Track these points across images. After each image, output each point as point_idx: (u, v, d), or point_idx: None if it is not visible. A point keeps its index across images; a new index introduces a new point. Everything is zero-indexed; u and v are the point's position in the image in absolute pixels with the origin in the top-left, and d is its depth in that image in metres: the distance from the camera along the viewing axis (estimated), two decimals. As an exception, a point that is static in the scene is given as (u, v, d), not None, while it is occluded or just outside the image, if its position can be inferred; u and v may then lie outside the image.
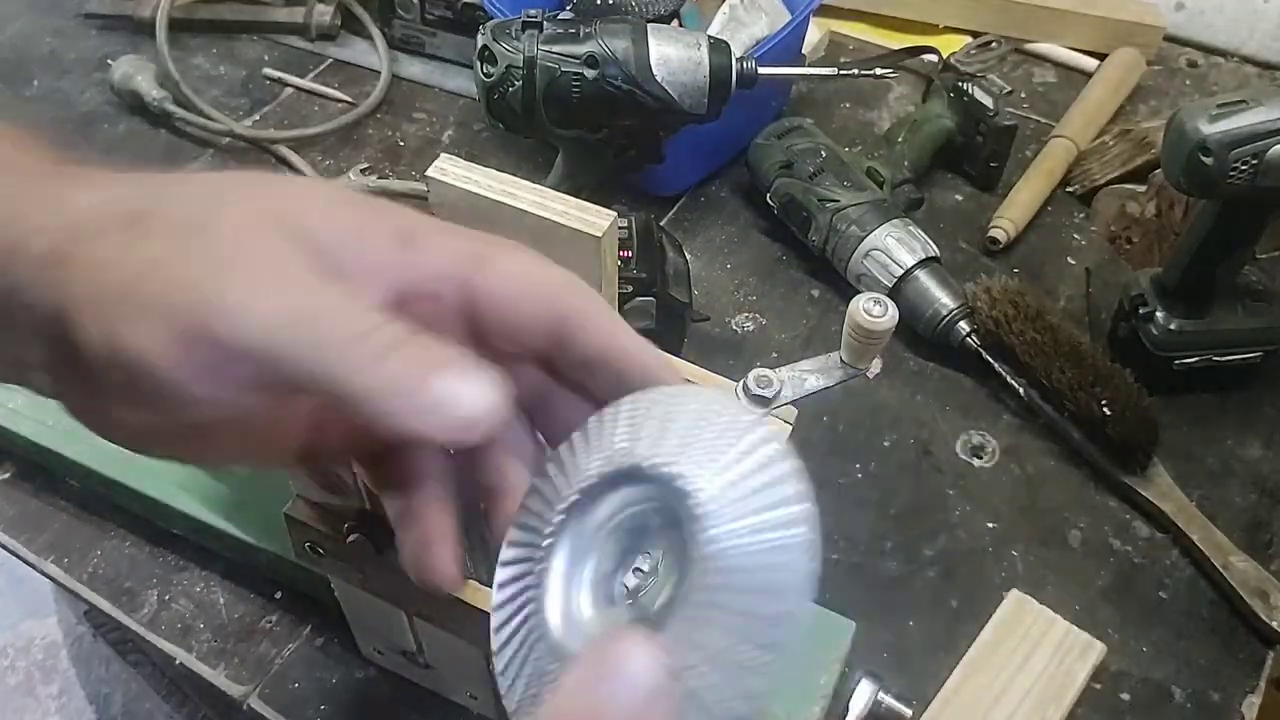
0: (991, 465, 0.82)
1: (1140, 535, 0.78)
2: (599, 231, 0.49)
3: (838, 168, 0.93)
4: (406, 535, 0.38)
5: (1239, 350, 0.83)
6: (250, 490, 0.71)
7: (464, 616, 0.53)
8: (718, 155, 1.03)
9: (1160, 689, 0.70)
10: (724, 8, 1.00)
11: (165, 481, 0.72)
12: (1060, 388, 0.81)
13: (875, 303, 0.44)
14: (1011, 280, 0.88)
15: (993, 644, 0.70)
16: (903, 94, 1.13)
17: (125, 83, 1.05)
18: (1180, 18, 1.21)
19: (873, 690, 0.65)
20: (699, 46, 0.75)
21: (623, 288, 0.78)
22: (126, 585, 0.73)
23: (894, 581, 0.75)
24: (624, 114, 0.76)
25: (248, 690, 0.68)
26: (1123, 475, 0.79)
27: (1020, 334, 0.83)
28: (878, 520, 0.78)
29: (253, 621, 0.71)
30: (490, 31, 0.75)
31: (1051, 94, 1.14)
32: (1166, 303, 0.82)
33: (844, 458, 0.82)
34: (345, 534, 0.52)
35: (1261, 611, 0.72)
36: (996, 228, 0.96)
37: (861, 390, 0.86)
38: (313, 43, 1.16)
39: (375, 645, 0.67)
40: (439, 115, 1.09)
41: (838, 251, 0.90)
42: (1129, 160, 1.00)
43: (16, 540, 0.75)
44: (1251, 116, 0.71)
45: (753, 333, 0.90)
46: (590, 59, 0.74)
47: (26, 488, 0.77)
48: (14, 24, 1.18)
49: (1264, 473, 0.82)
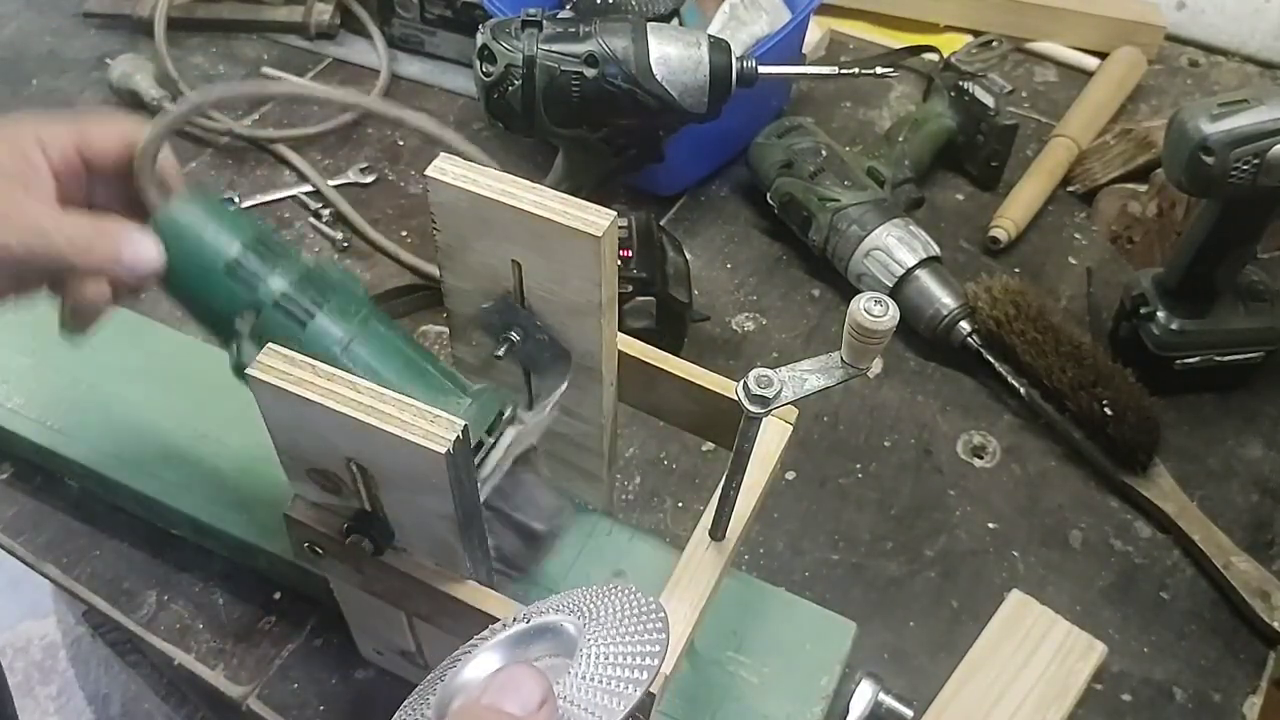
0: (992, 465, 0.82)
1: (1141, 535, 0.78)
2: (599, 231, 0.49)
3: (838, 167, 0.92)
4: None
5: (1240, 350, 0.83)
6: (250, 490, 0.71)
7: (464, 616, 0.53)
8: (718, 155, 1.03)
9: (1161, 689, 0.70)
10: (724, 7, 1.00)
11: (165, 481, 0.72)
12: (1061, 388, 0.81)
13: (876, 302, 0.43)
14: (1012, 280, 0.88)
15: (994, 644, 0.70)
16: (903, 93, 1.13)
17: (124, 82, 1.05)
18: (1181, 17, 1.21)
19: (873, 691, 0.65)
20: (699, 45, 0.75)
21: (623, 288, 0.78)
22: (125, 585, 0.72)
23: (894, 582, 0.75)
24: (624, 113, 0.75)
25: (247, 691, 0.68)
26: (1124, 475, 0.79)
27: (1021, 334, 0.83)
28: (878, 520, 0.78)
29: (252, 622, 0.71)
30: (490, 30, 0.75)
31: (1052, 93, 1.14)
32: (1168, 302, 0.82)
33: (844, 458, 0.82)
34: (345, 534, 0.52)
35: (1263, 612, 0.72)
36: (997, 227, 0.96)
37: (862, 390, 0.86)
38: (312, 42, 1.16)
39: (375, 645, 0.67)
40: (439, 114, 1.09)
41: (838, 251, 0.90)
42: (1130, 160, 0.99)
43: (15, 540, 0.74)
44: (1253, 116, 0.70)
45: (753, 333, 0.90)
46: (590, 58, 0.73)
47: (25, 488, 0.77)
48: (13, 23, 1.17)
49: (1265, 473, 0.82)
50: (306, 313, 0.53)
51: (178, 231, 0.54)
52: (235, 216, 0.56)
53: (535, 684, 0.36)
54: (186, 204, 0.55)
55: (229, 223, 0.55)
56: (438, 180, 0.51)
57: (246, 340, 0.53)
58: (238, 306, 0.53)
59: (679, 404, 0.60)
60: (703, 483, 0.79)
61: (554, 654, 0.42)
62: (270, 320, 0.53)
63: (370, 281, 0.91)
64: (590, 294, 0.52)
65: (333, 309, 0.54)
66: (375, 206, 0.99)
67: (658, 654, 0.38)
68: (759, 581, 0.69)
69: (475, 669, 0.42)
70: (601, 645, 0.38)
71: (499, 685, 0.37)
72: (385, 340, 0.55)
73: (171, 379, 0.77)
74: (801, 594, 0.69)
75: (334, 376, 0.45)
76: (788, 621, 0.66)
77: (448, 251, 0.55)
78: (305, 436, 0.48)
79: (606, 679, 0.37)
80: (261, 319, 0.53)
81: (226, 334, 0.54)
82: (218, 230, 0.54)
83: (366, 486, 0.50)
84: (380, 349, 0.54)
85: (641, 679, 0.37)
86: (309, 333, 0.53)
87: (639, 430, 0.82)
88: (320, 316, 0.53)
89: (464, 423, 0.44)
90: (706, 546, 0.55)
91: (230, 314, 0.53)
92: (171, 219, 0.54)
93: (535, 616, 0.43)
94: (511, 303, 0.55)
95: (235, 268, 0.53)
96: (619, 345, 0.58)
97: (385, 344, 0.55)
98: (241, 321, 0.53)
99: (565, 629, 0.41)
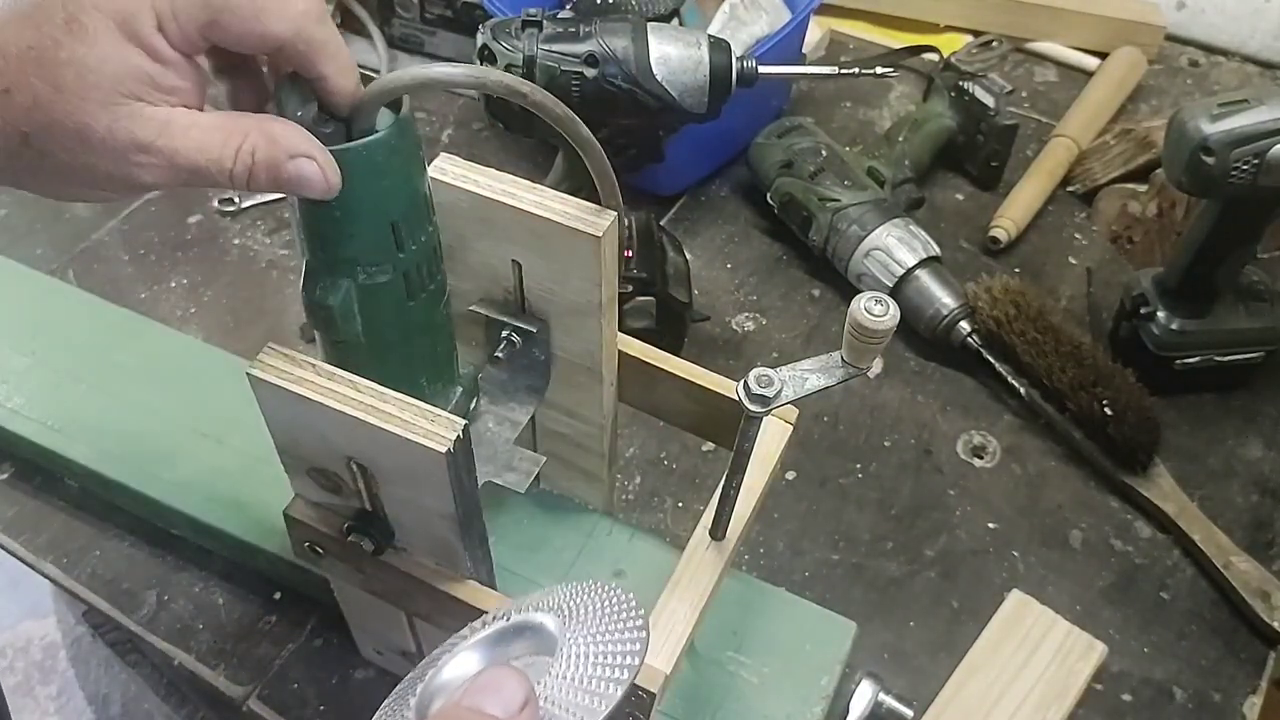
0: (992, 465, 0.82)
1: (1141, 535, 0.78)
2: (599, 231, 0.49)
3: (838, 167, 0.92)
4: None
5: (1240, 350, 0.83)
6: (250, 490, 0.71)
7: (464, 616, 0.53)
8: (718, 155, 1.03)
9: (1161, 689, 0.70)
10: (724, 6, 1.00)
11: (165, 481, 0.72)
12: (1061, 388, 0.81)
13: (876, 302, 0.43)
14: (1012, 280, 0.88)
15: (994, 645, 0.70)
16: (903, 93, 1.13)
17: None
18: (1182, 17, 1.21)
19: (874, 691, 0.65)
20: (699, 45, 0.74)
21: (623, 288, 0.78)
22: (125, 586, 0.72)
23: (894, 582, 0.75)
24: (624, 113, 0.75)
25: (247, 691, 0.68)
26: (1124, 475, 0.79)
27: (1021, 334, 0.83)
28: (878, 520, 0.78)
29: (252, 622, 0.71)
30: (490, 30, 0.75)
31: (1052, 93, 1.14)
32: (1168, 302, 0.82)
33: (844, 458, 0.82)
34: (345, 534, 0.52)
35: (1263, 612, 0.72)
36: (997, 227, 0.96)
37: (862, 390, 0.86)
38: (312, 42, 1.16)
39: (375, 645, 0.67)
40: (439, 115, 1.09)
41: (838, 251, 0.90)
42: (1130, 160, 0.99)
43: (15, 540, 0.74)
44: (1253, 116, 0.70)
45: (753, 333, 0.90)
46: (590, 58, 0.73)
47: (25, 488, 0.77)
48: (13, 23, 1.17)
49: (1265, 473, 0.82)
50: (421, 289, 0.50)
51: (373, 165, 0.45)
52: (423, 168, 0.49)
53: (517, 685, 0.36)
54: (398, 140, 0.46)
55: (419, 174, 0.48)
56: (438, 180, 0.51)
57: (355, 287, 0.48)
58: (373, 258, 0.48)
59: (679, 404, 0.60)
60: (703, 483, 0.79)
61: (534, 652, 0.42)
62: (392, 284, 0.48)
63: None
64: (590, 294, 0.52)
65: (436, 291, 0.51)
66: (375, 206, 0.99)
67: (638, 652, 0.38)
68: (759, 581, 0.69)
69: (455, 669, 0.42)
70: (582, 644, 0.38)
71: (480, 686, 0.37)
72: (443, 330, 0.54)
73: (171, 379, 0.77)
74: (801, 594, 0.69)
75: (334, 376, 0.45)
76: (788, 621, 0.66)
77: (448, 251, 0.55)
78: (305, 436, 0.48)
79: (587, 678, 0.37)
80: (387, 279, 0.48)
81: (336, 270, 0.48)
82: (408, 180, 0.47)
83: (366, 486, 0.50)
84: (438, 334, 0.53)
85: (622, 678, 0.37)
86: (411, 306, 0.50)
87: (639, 430, 0.82)
88: (427, 295, 0.50)
89: (464, 422, 0.44)
90: (706, 546, 0.55)
91: (358, 259, 0.48)
92: (375, 151, 0.45)
93: (515, 614, 0.43)
94: (512, 303, 0.55)
95: (400, 224, 0.48)
96: (619, 345, 0.58)
97: (441, 332, 0.53)
98: (364, 271, 0.48)
99: (545, 627, 0.41)
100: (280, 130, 0.43)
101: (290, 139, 0.43)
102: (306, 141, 0.43)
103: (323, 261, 0.48)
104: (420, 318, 0.51)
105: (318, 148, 0.43)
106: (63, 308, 0.83)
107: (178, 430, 0.74)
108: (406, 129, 0.46)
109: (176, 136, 0.42)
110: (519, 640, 0.42)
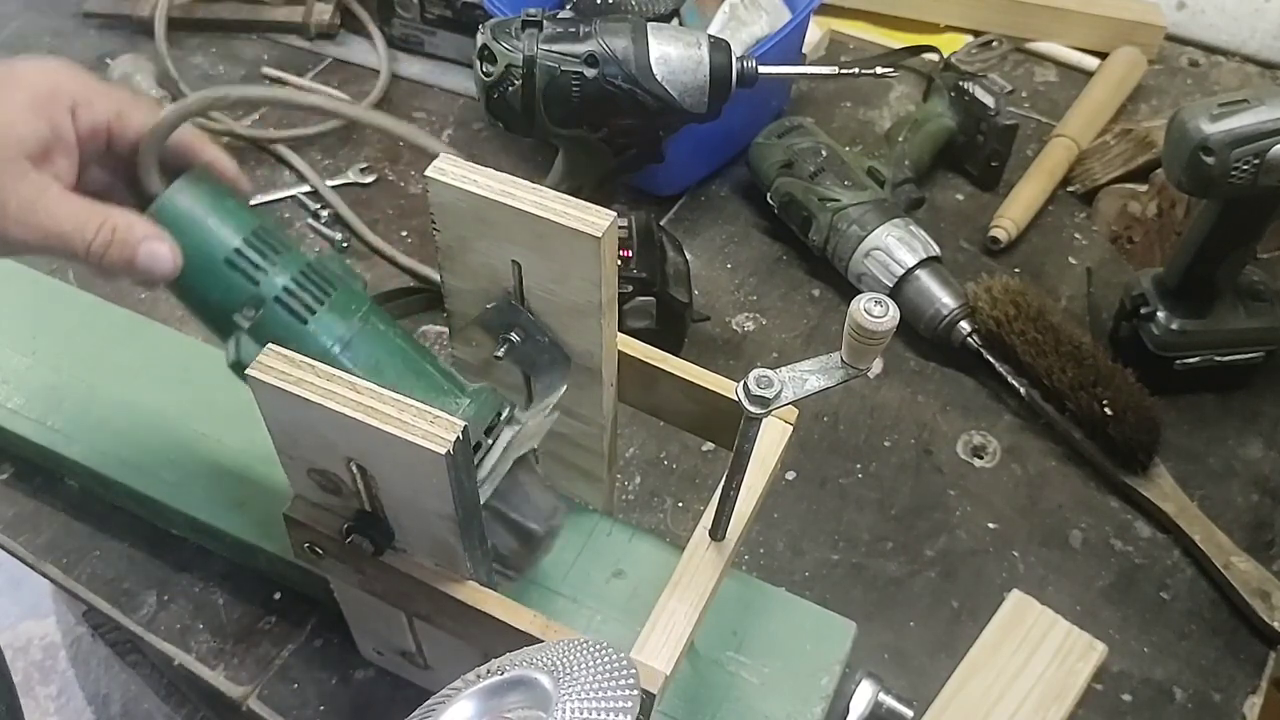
0: (992, 465, 0.82)
1: (1141, 535, 0.78)
2: (599, 231, 0.49)
3: (838, 167, 0.92)
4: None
5: (1240, 350, 0.83)
6: (250, 490, 0.71)
7: (463, 617, 0.53)
8: (718, 155, 1.02)
9: (1161, 689, 0.70)
10: (724, 6, 1.00)
11: (165, 482, 0.72)
12: (1061, 388, 0.81)
13: (876, 303, 0.43)
14: (1012, 280, 0.88)
15: (994, 645, 0.70)
16: (904, 93, 1.13)
17: (124, 82, 1.05)
18: (1181, 17, 1.21)
19: (873, 691, 0.65)
20: (699, 45, 0.74)
21: (623, 288, 0.78)
22: (125, 586, 0.72)
23: (894, 582, 0.75)
24: (624, 113, 0.75)
25: (247, 691, 0.68)
26: (1124, 475, 0.79)
27: (1021, 334, 0.83)
28: (878, 520, 0.78)
29: (252, 622, 0.71)
30: (490, 30, 0.75)
31: (1052, 93, 1.14)
32: (1168, 302, 0.82)
33: (844, 458, 0.82)
34: (345, 534, 0.52)
35: (1263, 612, 0.72)
36: (997, 227, 0.96)
37: (862, 390, 0.86)
38: (312, 42, 1.16)
39: (375, 645, 0.67)
40: (438, 114, 1.09)
41: (838, 251, 0.90)
42: (1130, 159, 0.99)
43: (15, 541, 0.74)
44: (1253, 116, 0.70)
45: (753, 333, 0.90)
46: (590, 58, 0.73)
47: (25, 488, 0.77)
48: (13, 23, 1.17)
49: (1265, 473, 0.82)
50: (308, 309, 0.53)
51: (178, 219, 0.53)
52: (238, 206, 0.55)
53: None
54: (189, 190, 0.54)
55: (232, 213, 0.54)
56: (438, 180, 0.51)
57: (246, 336, 0.52)
58: (238, 301, 0.53)
59: (679, 404, 0.60)
60: (703, 483, 0.79)
61: (528, 706, 0.42)
62: (271, 316, 0.53)
63: (370, 282, 0.91)
64: (590, 294, 0.52)
65: (334, 305, 0.54)
66: (375, 207, 0.99)
67: (629, 710, 0.39)
68: (759, 581, 0.69)
69: (452, 717, 0.42)
70: (575, 701, 0.39)
71: None
72: (385, 338, 0.55)
73: (171, 379, 0.77)
74: (801, 594, 0.69)
75: (334, 377, 0.45)
76: (788, 621, 0.66)
77: (448, 252, 0.55)
78: (305, 436, 0.48)
79: None
80: (261, 314, 0.53)
81: (225, 329, 0.53)
82: (220, 220, 0.53)
83: (366, 486, 0.50)
84: (380, 347, 0.54)
85: None
86: (310, 329, 0.53)
87: (639, 430, 0.82)
88: (321, 313, 0.53)
89: (464, 423, 0.44)
90: (706, 546, 0.55)
91: (229, 308, 0.53)
92: (172, 206, 0.53)
93: (509, 669, 0.43)
94: (512, 303, 0.55)
95: (236, 260, 0.53)
96: (619, 345, 0.58)
97: (385, 342, 0.54)
98: (241, 317, 0.53)
99: (540, 683, 0.42)
100: (135, 218, 0.52)
101: (143, 225, 0.52)
102: (155, 229, 0.52)
103: (215, 330, 0.55)
104: (342, 332, 0.54)
105: (164, 234, 0.52)
106: (63, 308, 0.83)
107: (177, 430, 0.74)
108: (190, 179, 0.54)
109: (53, 202, 0.50)
110: (514, 693, 0.43)
